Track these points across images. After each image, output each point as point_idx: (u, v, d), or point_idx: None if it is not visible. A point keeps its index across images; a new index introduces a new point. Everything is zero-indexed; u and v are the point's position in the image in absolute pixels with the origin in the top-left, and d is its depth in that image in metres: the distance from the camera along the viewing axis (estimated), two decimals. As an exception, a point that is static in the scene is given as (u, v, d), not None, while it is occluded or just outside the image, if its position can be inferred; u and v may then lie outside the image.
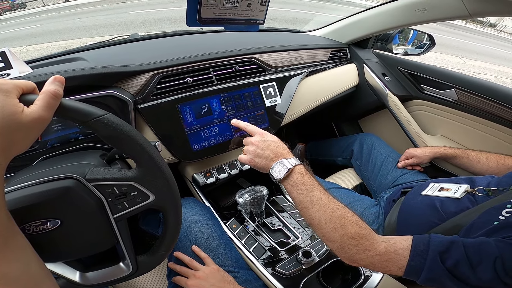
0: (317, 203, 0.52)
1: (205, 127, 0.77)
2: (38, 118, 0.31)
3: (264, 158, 0.58)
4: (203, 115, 0.76)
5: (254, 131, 0.62)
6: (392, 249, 0.47)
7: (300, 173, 0.55)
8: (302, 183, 0.54)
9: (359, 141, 1.13)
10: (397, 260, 0.47)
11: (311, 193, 0.53)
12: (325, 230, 0.50)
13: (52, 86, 0.32)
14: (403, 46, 1.27)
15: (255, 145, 0.59)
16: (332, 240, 0.50)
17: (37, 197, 0.36)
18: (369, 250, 0.48)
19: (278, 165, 0.56)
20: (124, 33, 4.74)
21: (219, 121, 0.79)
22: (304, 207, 0.53)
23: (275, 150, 0.58)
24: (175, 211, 0.44)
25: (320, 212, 0.51)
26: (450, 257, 0.44)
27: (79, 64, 0.70)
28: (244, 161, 0.61)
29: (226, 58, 0.80)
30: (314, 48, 1.06)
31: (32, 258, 0.34)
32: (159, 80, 0.70)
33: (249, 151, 0.60)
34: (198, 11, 0.52)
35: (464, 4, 0.79)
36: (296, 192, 0.54)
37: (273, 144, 0.59)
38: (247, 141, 0.62)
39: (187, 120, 0.74)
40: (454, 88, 1.02)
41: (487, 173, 0.82)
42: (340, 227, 0.49)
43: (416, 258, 0.46)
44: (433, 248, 0.46)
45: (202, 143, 0.76)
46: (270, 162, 0.57)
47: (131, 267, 0.46)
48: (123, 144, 0.37)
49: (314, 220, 0.52)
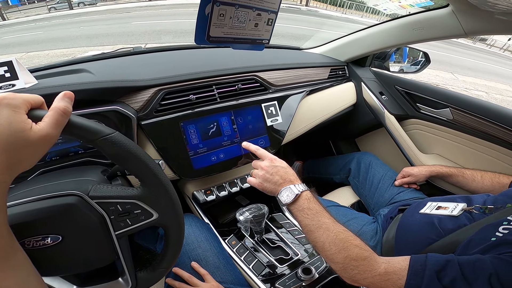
0: (322, 227, 0.55)
1: (211, 150, 0.77)
2: (46, 136, 0.30)
3: (273, 183, 0.61)
4: (204, 130, 0.76)
5: (265, 155, 0.65)
6: (391, 269, 0.50)
7: (307, 198, 0.58)
8: (308, 208, 0.57)
9: (356, 160, 1.14)
10: (396, 280, 0.48)
11: (316, 218, 0.56)
12: (329, 252, 0.53)
13: (61, 103, 0.32)
14: (399, 63, 1.31)
15: (265, 170, 0.62)
16: (335, 262, 0.53)
17: (38, 213, 0.36)
18: (369, 271, 0.50)
19: (286, 191, 0.59)
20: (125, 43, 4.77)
21: (228, 143, 0.79)
22: (310, 230, 0.56)
23: (284, 176, 0.61)
24: (178, 229, 0.44)
25: (325, 235, 0.54)
26: (447, 275, 0.46)
27: (83, 77, 0.70)
28: (253, 184, 0.64)
29: (229, 75, 0.81)
30: (314, 67, 1.08)
31: (31, 272, 0.34)
32: (163, 96, 0.70)
33: (258, 175, 0.63)
34: (207, 30, 0.54)
35: (460, 23, 0.83)
36: (302, 216, 0.57)
37: (282, 170, 0.62)
38: (257, 165, 0.65)
39: (191, 141, 0.74)
40: (449, 107, 1.04)
41: (482, 191, 0.84)
42: (343, 250, 0.52)
43: (414, 277, 0.47)
44: (430, 267, 0.47)
45: (202, 160, 0.77)
46: (278, 187, 0.60)
47: (130, 283, 0.46)
48: (129, 163, 0.37)
49: (318, 243, 0.55)
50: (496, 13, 0.72)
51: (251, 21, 0.60)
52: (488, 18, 0.76)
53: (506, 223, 0.53)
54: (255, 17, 0.59)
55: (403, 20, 1.00)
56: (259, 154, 0.66)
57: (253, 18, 0.59)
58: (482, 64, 9.26)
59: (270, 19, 0.63)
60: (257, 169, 0.64)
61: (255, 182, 0.64)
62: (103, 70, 0.77)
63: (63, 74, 0.71)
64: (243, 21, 0.58)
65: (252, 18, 0.59)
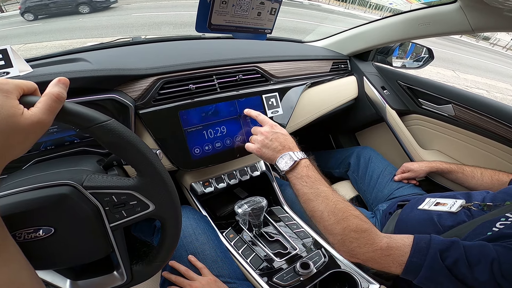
0: (320, 195, 0.53)
1: (205, 133, 0.75)
2: (38, 122, 0.29)
3: (271, 149, 0.59)
4: (203, 121, 0.75)
5: (265, 121, 0.64)
6: (394, 244, 0.48)
7: (306, 166, 0.56)
8: (307, 176, 0.55)
9: (356, 154, 1.14)
10: (398, 256, 0.47)
11: (315, 185, 0.54)
12: (328, 223, 0.51)
13: (55, 88, 0.31)
14: (402, 59, 1.29)
15: (264, 135, 0.61)
16: (334, 233, 0.51)
17: (30, 203, 0.35)
18: (370, 244, 0.48)
19: (284, 157, 0.57)
20: (125, 35, 4.74)
21: (216, 128, 0.76)
22: (308, 199, 0.54)
23: (283, 142, 0.59)
24: (175, 222, 0.43)
25: (324, 204, 0.52)
26: (450, 255, 0.45)
27: (81, 65, 0.69)
28: (251, 150, 0.62)
29: (229, 66, 0.80)
30: (316, 59, 1.07)
31: (23, 266, 0.33)
32: (161, 85, 0.69)
33: (257, 140, 0.61)
34: (209, 17, 0.52)
35: (468, 20, 0.81)
36: (301, 184, 0.55)
37: (282, 136, 0.60)
38: (256, 130, 0.63)
39: (189, 124, 0.73)
40: (452, 103, 1.04)
41: (481, 188, 0.84)
42: (343, 220, 0.50)
43: (417, 254, 0.46)
44: (434, 246, 0.47)
45: (201, 150, 0.75)
46: (277, 154, 0.59)
47: (126, 277, 0.45)
48: (125, 152, 0.36)
49: (317, 212, 0.53)
50: (506, 9, 0.71)
51: (254, 10, 0.58)
52: (496, 15, 0.75)
53: (504, 219, 0.53)
54: (258, 5, 0.58)
55: (409, 15, 0.98)
56: (260, 119, 0.65)
57: (256, 6, 0.58)
58: (484, 63, 9.24)
59: (273, 8, 0.61)
60: (256, 135, 0.62)
61: (254, 147, 0.62)
62: (101, 60, 0.75)
63: (59, 63, 0.70)
64: (245, 10, 0.57)
65: (255, 6, 0.58)
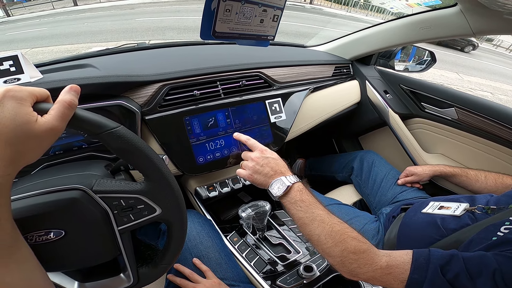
0: (316, 219, 0.52)
1: (210, 138, 0.77)
2: (52, 129, 0.30)
3: (263, 175, 0.58)
4: (209, 127, 0.76)
5: (255, 146, 0.62)
6: (394, 263, 0.48)
7: (299, 190, 0.55)
8: (301, 200, 0.54)
9: (359, 158, 1.14)
10: (398, 274, 0.47)
11: (310, 209, 0.53)
12: (325, 246, 0.51)
13: (67, 96, 0.32)
14: (404, 62, 1.29)
15: (255, 161, 0.59)
16: (332, 255, 0.50)
17: (42, 207, 0.36)
18: (370, 264, 0.48)
19: (277, 183, 0.56)
20: (129, 40, 4.80)
21: (224, 134, 0.79)
22: (303, 223, 0.53)
23: (275, 167, 0.58)
24: (181, 225, 0.44)
25: (320, 228, 0.51)
26: (451, 269, 0.45)
27: (89, 71, 0.71)
28: (243, 176, 0.61)
29: (233, 71, 0.81)
30: (318, 64, 1.08)
31: (35, 267, 0.34)
32: (167, 91, 0.70)
33: (248, 167, 0.60)
34: (213, 25, 0.53)
35: (468, 23, 0.81)
36: (295, 209, 0.54)
37: (273, 161, 0.59)
38: (246, 156, 0.62)
39: (195, 131, 0.74)
40: (455, 107, 1.04)
41: (485, 192, 0.83)
42: (340, 242, 0.49)
43: (417, 271, 0.46)
44: (434, 261, 0.46)
45: (207, 156, 0.76)
46: (269, 179, 0.57)
47: (132, 279, 0.46)
48: (133, 158, 0.37)
49: (313, 236, 0.52)
50: (505, 13, 0.71)
51: (256, 17, 0.59)
52: (496, 18, 0.75)
53: (508, 223, 0.53)
54: (260, 13, 0.59)
55: (410, 19, 0.99)
56: (250, 144, 0.63)
57: (258, 14, 0.59)
58: (488, 65, 9.17)
59: (275, 15, 0.62)
60: (247, 161, 0.62)
61: (245, 173, 0.61)
62: (108, 65, 0.77)
63: (68, 69, 0.71)
64: (248, 17, 0.58)
65: (258, 14, 0.59)
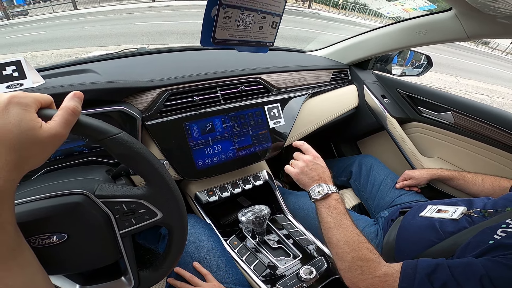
0: (341, 226, 0.58)
1: (210, 144, 0.78)
2: (56, 135, 0.30)
3: (309, 177, 0.65)
4: (207, 132, 0.77)
5: (310, 150, 0.70)
6: (390, 271, 0.52)
7: (336, 199, 0.62)
8: (334, 207, 0.60)
9: (358, 163, 1.15)
10: (391, 282, 0.50)
11: (339, 217, 0.59)
12: (340, 250, 0.56)
13: (71, 102, 0.32)
14: (401, 66, 1.31)
15: (306, 163, 0.66)
16: (343, 260, 0.55)
17: (45, 211, 0.37)
18: (371, 272, 0.52)
19: (318, 187, 0.63)
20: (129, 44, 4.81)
21: (221, 138, 0.79)
22: (329, 227, 0.59)
23: (321, 174, 0.65)
24: (181, 229, 0.44)
25: (342, 234, 0.57)
26: (437, 278, 0.47)
27: (90, 76, 0.71)
28: (290, 173, 0.68)
29: (232, 77, 0.82)
30: (317, 69, 1.09)
31: (38, 270, 0.34)
32: (167, 97, 0.71)
33: (298, 166, 0.67)
34: (213, 32, 0.54)
35: (463, 27, 0.83)
36: (326, 213, 0.60)
37: (321, 168, 0.66)
38: (299, 157, 0.69)
39: (194, 136, 0.75)
40: (451, 111, 1.05)
41: (482, 195, 0.84)
42: (355, 250, 0.55)
43: (406, 280, 0.49)
44: (420, 271, 0.50)
45: (205, 160, 0.77)
46: (312, 182, 0.64)
47: (133, 282, 0.46)
48: (135, 163, 0.38)
49: (334, 239, 0.58)
50: (499, 16, 0.72)
51: (256, 24, 0.61)
52: (490, 22, 0.76)
53: (504, 226, 0.54)
54: (259, 20, 0.60)
55: (406, 24, 1.00)
56: (305, 148, 0.70)
57: (257, 21, 0.60)
58: (485, 67, 9.25)
59: (274, 22, 0.63)
60: (297, 160, 0.68)
61: (293, 171, 0.67)
62: (109, 71, 0.77)
63: (69, 74, 0.72)
64: (248, 24, 0.59)
65: (257, 21, 0.60)
